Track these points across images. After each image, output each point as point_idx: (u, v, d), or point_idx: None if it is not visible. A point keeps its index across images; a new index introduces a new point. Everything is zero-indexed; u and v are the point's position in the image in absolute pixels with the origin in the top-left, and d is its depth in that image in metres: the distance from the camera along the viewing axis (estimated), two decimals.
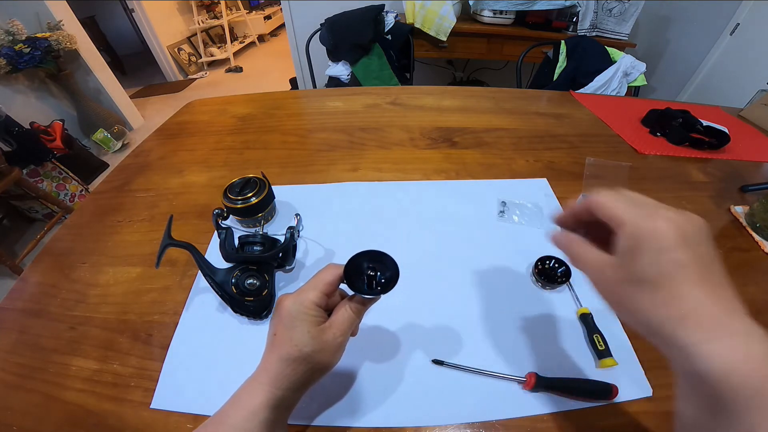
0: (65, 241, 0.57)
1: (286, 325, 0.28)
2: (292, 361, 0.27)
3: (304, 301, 0.28)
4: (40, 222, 1.87)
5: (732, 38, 1.85)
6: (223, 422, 0.27)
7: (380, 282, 0.30)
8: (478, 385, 0.38)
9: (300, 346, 0.27)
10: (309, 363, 0.27)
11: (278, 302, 0.30)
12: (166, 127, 0.87)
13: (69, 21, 2.17)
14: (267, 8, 4.65)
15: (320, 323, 0.29)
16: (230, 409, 0.27)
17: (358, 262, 0.30)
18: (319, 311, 0.29)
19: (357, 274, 0.30)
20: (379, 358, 0.40)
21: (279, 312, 0.29)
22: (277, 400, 0.27)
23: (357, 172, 0.68)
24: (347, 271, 0.30)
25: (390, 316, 0.44)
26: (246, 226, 0.55)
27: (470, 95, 0.98)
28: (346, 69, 1.67)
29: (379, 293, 0.29)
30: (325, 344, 0.28)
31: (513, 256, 0.51)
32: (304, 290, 0.29)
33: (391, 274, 0.30)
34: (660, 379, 0.38)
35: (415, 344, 0.41)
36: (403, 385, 0.38)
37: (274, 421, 0.27)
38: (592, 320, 0.42)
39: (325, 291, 0.29)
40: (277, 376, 0.27)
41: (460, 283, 0.48)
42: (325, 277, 0.30)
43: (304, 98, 1.04)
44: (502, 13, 1.73)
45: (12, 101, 1.96)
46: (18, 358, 0.41)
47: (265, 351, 0.29)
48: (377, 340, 0.42)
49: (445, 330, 0.43)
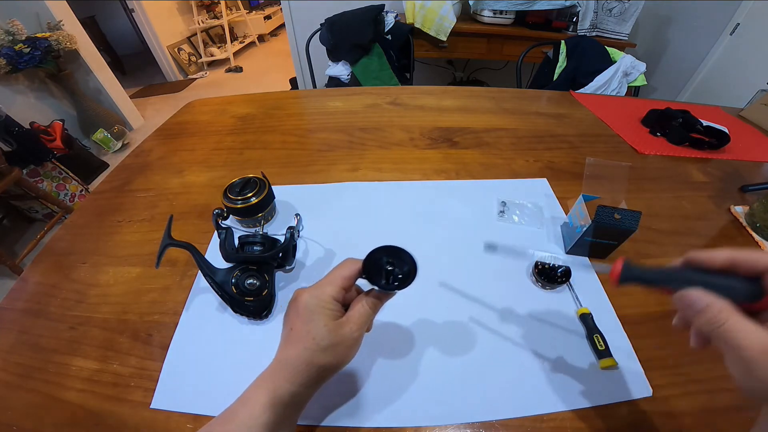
0: (65, 241, 0.57)
1: (304, 319, 0.28)
2: (309, 355, 0.27)
3: (321, 295, 0.28)
4: (40, 222, 1.87)
5: (732, 38, 1.85)
6: (232, 420, 0.26)
7: (397, 277, 0.30)
8: (478, 385, 0.38)
9: (318, 339, 0.27)
10: (326, 358, 0.27)
11: (295, 297, 0.30)
12: (166, 127, 0.87)
13: (69, 21, 2.17)
14: (267, 8, 4.64)
15: (337, 317, 0.29)
16: (240, 406, 0.27)
17: (377, 257, 0.30)
18: (337, 305, 0.29)
19: (376, 269, 0.30)
20: (379, 358, 0.40)
21: (296, 306, 0.29)
22: (290, 396, 0.27)
23: (357, 172, 0.68)
24: (366, 266, 0.30)
25: (390, 317, 0.44)
26: (246, 226, 0.55)
27: (470, 95, 0.98)
28: (346, 69, 1.67)
29: (397, 288, 0.29)
30: (342, 338, 0.28)
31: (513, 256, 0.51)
32: (322, 284, 0.29)
33: (409, 269, 0.30)
34: (660, 379, 0.38)
35: (414, 344, 0.41)
36: (404, 385, 0.38)
37: (286, 417, 0.27)
38: (592, 320, 0.42)
39: (343, 286, 0.29)
40: (294, 371, 0.27)
41: (460, 283, 0.48)
42: (344, 272, 0.30)
43: (304, 98, 1.04)
44: (502, 13, 1.73)
45: (12, 101, 1.96)
46: (18, 358, 0.41)
47: (281, 346, 0.29)
48: (377, 341, 0.42)
49: (445, 330, 0.43)
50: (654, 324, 0.43)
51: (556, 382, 0.38)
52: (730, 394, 0.36)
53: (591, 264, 0.31)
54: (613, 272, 0.27)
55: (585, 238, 0.47)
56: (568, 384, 0.37)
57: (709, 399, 0.36)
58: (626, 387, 0.37)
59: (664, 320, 0.43)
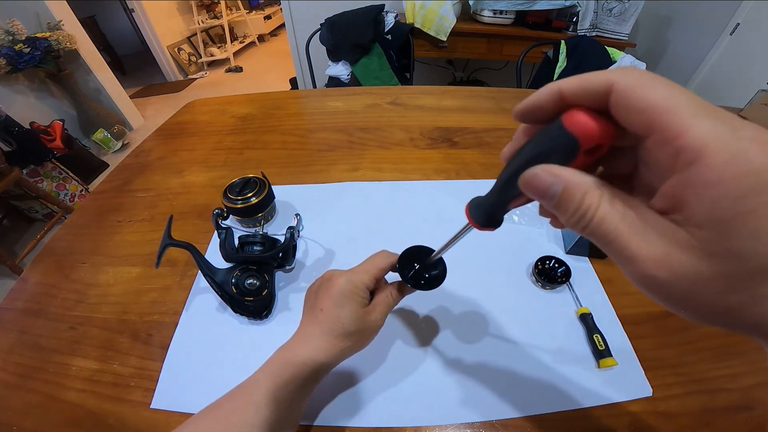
0: (65, 241, 0.57)
1: (336, 302, 0.29)
2: (334, 337, 0.29)
3: (357, 283, 0.30)
4: (40, 222, 1.87)
5: (732, 38, 1.85)
6: (252, 390, 0.28)
7: (424, 277, 0.32)
8: (478, 385, 0.38)
9: (346, 325, 0.29)
10: (349, 341, 0.30)
11: (329, 277, 0.32)
12: (166, 127, 0.87)
13: (69, 21, 2.17)
14: (267, 8, 4.64)
15: (365, 305, 0.31)
16: (260, 374, 0.29)
17: (412, 254, 0.32)
18: (367, 293, 0.31)
19: (408, 266, 0.31)
20: (379, 358, 0.40)
21: (329, 288, 0.30)
22: (312, 362, 0.29)
23: (357, 172, 0.68)
24: (401, 262, 0.31)
25: (390, 317, 0.44)
26: (246, 226, 0.55)
27: (470, 95, 0.98)
28: (346, 69, 1.67)
29: (425, 288, 0.31)
30: (367, 324, 0.30)
31: (513, 256, 0.51)
32: (358, 272, 0.31)
33: (438, 274, 0.32)
34: (660, 379, 0.38)
35: (414, 344, 0.41)
36: (403, 385, 0.38)
37: (305, 389, 0.30)
38: (592, 320, 0.42)
39: (377, 276, 0.31)
40: (317, 349, 0.29)
41: (459, 283, 0.47)
42: (380, 264, 0.31)
43: (304, 98, 1.04)
44: (502, 13, 1.73)
45: (12, 101, 1.96)
46: (18, 358, 0.41)
47: (306, 321, 0.31)
48: (377, 340, 0.42)
49: (445, 330, 0.43)
50: (654, 324, 0.43)
51: (556, 382, 0.38)
52: (730, 394, 0.36)
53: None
54: (469, 220, 0.23)
55: (585, 238, 0.47)
56: (568, 384, 0.37)
57: (709, 399, 0.36)
58: (626, 387, 0.37)
59: (664, 320, 0.43)
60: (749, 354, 0.39)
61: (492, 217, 0.22)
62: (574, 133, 0.14)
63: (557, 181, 0.15)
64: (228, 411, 0.27)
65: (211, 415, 0.27)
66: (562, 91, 0.15)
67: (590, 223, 0.14)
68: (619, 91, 0.13)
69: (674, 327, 0.42)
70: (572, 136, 0.14)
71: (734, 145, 0.11)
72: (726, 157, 0.11)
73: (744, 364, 0.38)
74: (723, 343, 0.40)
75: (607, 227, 0.14)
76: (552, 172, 0.15)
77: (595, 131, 0.14)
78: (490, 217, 0.22)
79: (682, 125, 0.12)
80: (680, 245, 0.12)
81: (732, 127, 0.11)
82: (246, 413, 0.26)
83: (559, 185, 0.15)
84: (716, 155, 0.11)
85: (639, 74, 0.13)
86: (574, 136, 0.14)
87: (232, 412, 0.27)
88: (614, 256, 0.14)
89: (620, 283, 0.47)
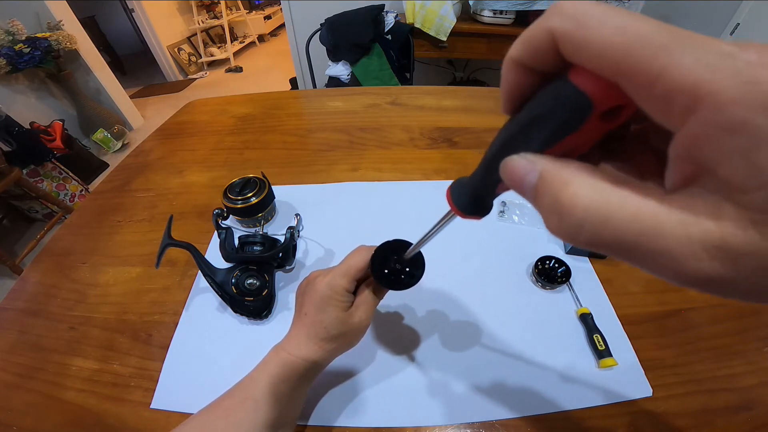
0: (65, 241, 0.57)
1: (318, 307, 0.30)
2: (320, 340, 0.30)
3: (335, 287, 0.30)
4: (40, 222, 1.87)
5: (732, 38, 1.85)
6: (250, 387, 0.29)
7: (400, 278, 0.30)
8: (478, 385, 0.38)
9: (329, 329, 0.29)
10: (335, 343, 0.30)
11: (311, 279, 0.32)
12: (166, 127, 0.87)
13: (69, 21, 2.17)
14: (267, 8, 4.64)
15: (348, 308, 0.30)
16: (257, 373, 0.29)
17: (385, 252, 0.31)
18: (349, 296, 0.31)
19: (382, 265, 0.30)
20: (379, 358, 0.40)
21: (311, 292, 0.31)
22: (303, 361, 0.29)
23: (357, 172, 0.68)
24: (374, 261, 0.30)
25: (390, 316, 0.44)
26: (246, 226, 0.55)
27: (470, 95, 0.98)
28: (346, 69, 1.67)
29: (398, 288, 0.30)
30: (351, 326, 0.30)
31: (513, 256, 0.51)
32: (336, 275, 0.30)
33: (415, 270, 0.30)
34: (660, 379, 0.38)
35: (414, 344, 0.41)
36: (403, 385, 0.38)
37: (302, 386, 0.31)
38: (592, 320, 0.42)
39: (355, 277, 0.31)
40: (308, 349, 0.30)
41: (459, 283, 0.47)
42: (357, 264, 0.31)
43: (304, 98, 1.04)
44: (502, 13, 1.73)
45: (12, 101, 1.96)
46: (18, 358, 0.41)
47: (294, 324, 0.32)
48: (377, 340, 0.42)
49: (445, 330, 0.43)
50: (654, 324, 0.43)
51: (556, 382, 0.38)
52: (730, 394, 0.36)
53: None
54: (450, 204, 0.18)
55: None
56: (568, 384, 0.37)
57: (709, 399, 0.36)
58: (626, 387, 0.37)
59: (664, 320, 0.43)
60: (749, 354, 0.39)
61: (478, 202, 0.17)
62: (586, 90, 0.11)
63: (533, 168, 0.12)
64: (227, 408, 0.27)
65: (211, 414, 0.28)
66: (513, 60, 0.12)
67: (582, 231, 0.10)
68: (562, 39, 0.10)
69: (674, 327, 0.42)
70: (584, 94, 0.11)
71: (743, 75, 0.08)
72: (738, 92, 0.08)
73: (744, 364, 0.38)
74: (723, 343, 0.40)
75: (617, 228, 0.10)
76: (528, 158, 0.12)
77: (613, 87, 0.10)
78: (476, 201, 0.17)
79: (657, 61, 0.09)
80: (731, 220, 0.09)
81: (722, 52, 0.08)
82: (245, 410, 0.27)
83: (534, 173, 0.12)
84: (722, 92, 0.08)
85: (580, 8, 0.10)
86: (586, 94, 0.11)
87: (231, 409, 0.27)
88: (641, 263, 0.10)
89: (620, 283, 0.47)
